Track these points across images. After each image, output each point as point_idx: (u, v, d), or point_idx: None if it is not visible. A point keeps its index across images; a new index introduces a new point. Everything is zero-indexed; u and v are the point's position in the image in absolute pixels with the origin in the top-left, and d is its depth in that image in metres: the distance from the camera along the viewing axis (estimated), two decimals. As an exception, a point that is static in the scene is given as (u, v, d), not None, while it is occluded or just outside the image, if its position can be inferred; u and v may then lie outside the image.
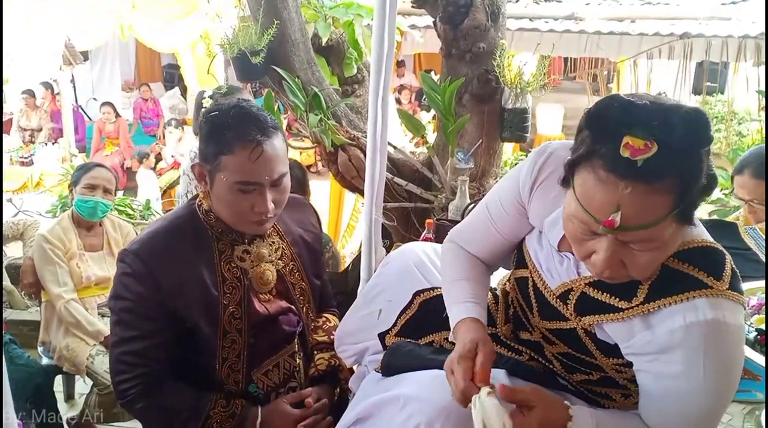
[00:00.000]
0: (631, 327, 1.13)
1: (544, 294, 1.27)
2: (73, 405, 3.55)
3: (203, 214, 1.65)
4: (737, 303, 1.10)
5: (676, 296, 1.09)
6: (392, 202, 2.81)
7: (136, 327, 1.58)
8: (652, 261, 1.08)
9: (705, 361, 1.07)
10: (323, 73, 3.03)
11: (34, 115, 8.84)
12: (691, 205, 1.04)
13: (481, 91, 2.69)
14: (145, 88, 10.03)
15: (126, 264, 1.57)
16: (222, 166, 1.52)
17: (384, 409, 1.30)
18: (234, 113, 1.53)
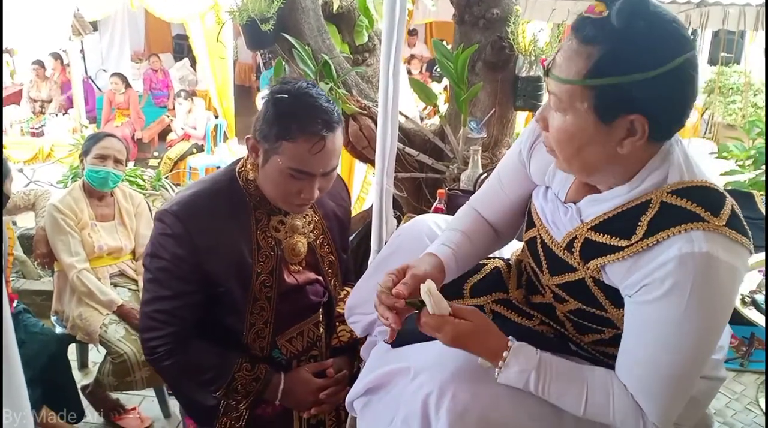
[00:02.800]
0: (631, 266, 1.12)
1: (551, 249, 1.26)
2: (87, 373, 3.58)
3: (244, 181, 1.67)
4: (734, 242, 1.07)
5: (673, 228, 1.07)
6: (403, 172, 2.78)
7: (170, 287, 1.62)
8: (560, 132, 1.11)
9: (690, 293, 1.05)
10: (333, 40, 2.99)
11: (44, 86, 8.83)
12: (613, 102, 1.05)
13: (494, 59, 2.65)
14: (155, 58, 9.97)
15: (165, 224, 1.59)
16: (281, 150, 1.54)
17: (394, 379, 1.30)
18: (303, 102, 1.53)
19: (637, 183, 1.13)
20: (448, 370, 1.21)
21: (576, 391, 1.16)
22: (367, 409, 1.37)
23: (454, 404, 1.15)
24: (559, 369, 1.18)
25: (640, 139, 1.07)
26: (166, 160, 7.84)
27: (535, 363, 1.17)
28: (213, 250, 1.60)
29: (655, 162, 1.12)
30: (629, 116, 1.05)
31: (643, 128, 1.06)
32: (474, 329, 1.19)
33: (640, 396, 1.13)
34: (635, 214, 1.12)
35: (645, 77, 1.02)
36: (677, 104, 1.07)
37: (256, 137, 1.59)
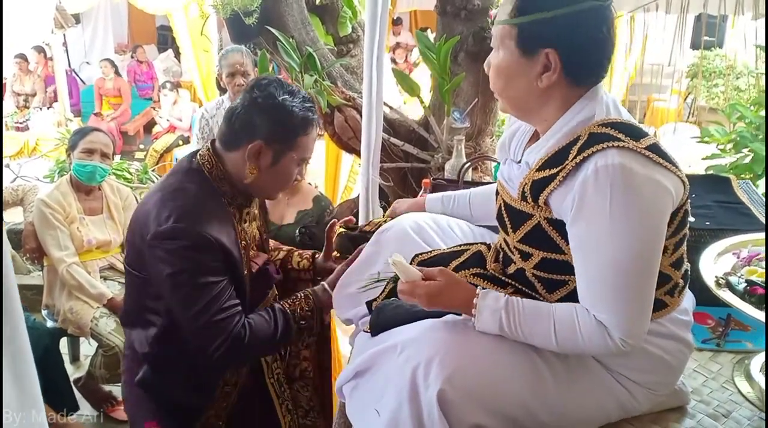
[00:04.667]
0: (566, 191, 1.23)
1: (511, 205, 1.38)
2: (79, 366, 3.62)
3: (217, 181, 1.71)
4: (653, 162, 1.20)
5: (594, 147, 1.20)
6: (389, 162, 2.82)
7: (212, 289, 1.62)
8: (494, 68, 1.32)
9: (611, 202, 1.17)
10: (317, 32, 3.01)
11: (27, 80, 8.76)
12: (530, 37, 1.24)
13: (476, 49, 2.68)
14: (140, 50, 9.92)
15: (177, 239, 1.58)
16: (296, 145, 1.70)
17: (382, 358, 1.34)
18: (301, 97, 1.70)
19: (566, 119, 1.29)
20: (433, 341, 1.26)
21: (545, 325, 1.26)
22: (356, 392, 1.40)
23: (441, 369, 1.20)
24: (526, 307, 1.28)
25: (554, 73, 1.25)
26: (152, 153, 7.81)
27: (502, 303, 1.28)
28: (224, 246, 1.64)
29: (582, 101, 1.29)
30: (544, 50, 1.24)
31: (556, 62, 1.24)
32: (443, 286, 1.31)
33: (600, 313, 1.22)
34: (568, 148, 1.26)
35: (556, 14, 1.22)
36: (585, 42, 1.25)
37: (263, 142, 1.66)
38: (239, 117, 1.67)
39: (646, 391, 1.36)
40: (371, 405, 1.31)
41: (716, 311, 1.85)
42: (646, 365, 1.34)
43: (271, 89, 1.67)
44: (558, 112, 1.30)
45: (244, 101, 1.68)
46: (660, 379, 1.38)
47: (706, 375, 1.65)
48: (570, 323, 1.24)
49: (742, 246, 1.72)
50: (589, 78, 1.29)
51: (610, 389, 1.34)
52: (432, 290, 1.30)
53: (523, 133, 1.46)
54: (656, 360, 1.33)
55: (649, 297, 1.24)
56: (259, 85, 1.69)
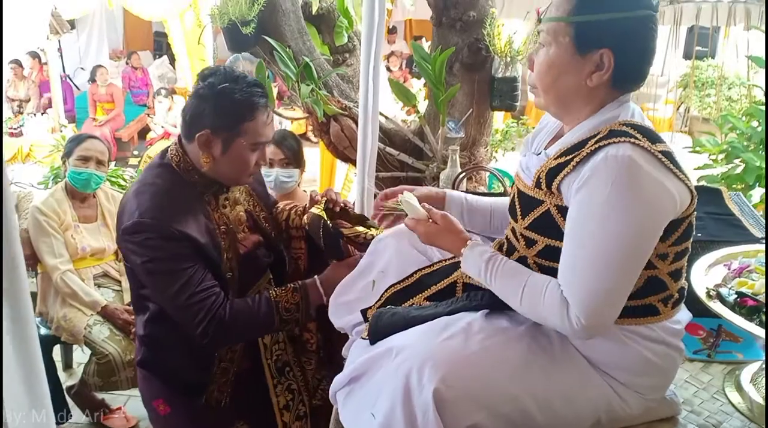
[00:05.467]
0: (576, 177, 1.26)
1: (524, 192, 1.41)
2: (72, 374, 3.60)
3: (184, 172, 1.77)
4: (663, 165, 1.23)
5: (610, 139, 1.24)
6: (384, 171, 2.83)
7: (183, 272, 1.69)
8: (543, 64, 1.34)
9: (611, 190, 1.20)
10: (314, 42, 3.03)
11: (21, 85, 8.76)
12: (588, 35, 1.27)
13: (471, 61, 2.71)
14: (135, 56, 9.92)
15: (143, 232, 1.67)
16: (242, 131, 1.72)
17: (377, 363, 1.35)
18: (245, 83, 1.71)
19: (595, 119, 1.33)
20: (427, 344, 1.28)
21: (516, 285, 1.33)
22: (350, 397, 1.41)
23: (435, 370, 1.22)
24: (505, 266, 1.37)
25: (606, 72, 1.28)
26: (147, 159, 7.78)
27: (486, 257, 1.39)
28: (191, 235, 1.69)
29: (613, 104, 1.33)
30: (600, 50, 1.27)
31: (610, 62, 1.27)
32: (441, 229, 1.48)
33: (565, 283, 1.26)
34: (587, 140, 1.30)
35: (617, 17, 1.26)
36: (639, 48, 1.30)
37: (210, 131, 1.70)
38: (188, 109, 1.74)
39: (636, 395, 1.37)
40: (365, 409, 1.32)
41: (707, 322, 1.87)
42: (635, 366, 1.35)
43: (211, 79, 1.71)
44: (590, 111, 1.34)
45: (191, 94, 1.75)
46: (650, 382, 1.39)
47: (697, 386, 1.67)
48: (538, 290, 1.29)
49: (733, 257, 1.74)
50: (631, 84, 1.34)
51: (599, 388, 1.35)
52: (431, 230, 1.49)
53: (548, 132, 1.50)
54: (646, 361, 1.35)
55: (621, 291, 1.25)
56: (201, 76, 1.75)
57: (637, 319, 1.34)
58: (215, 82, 1.70)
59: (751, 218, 2.11)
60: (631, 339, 1.33)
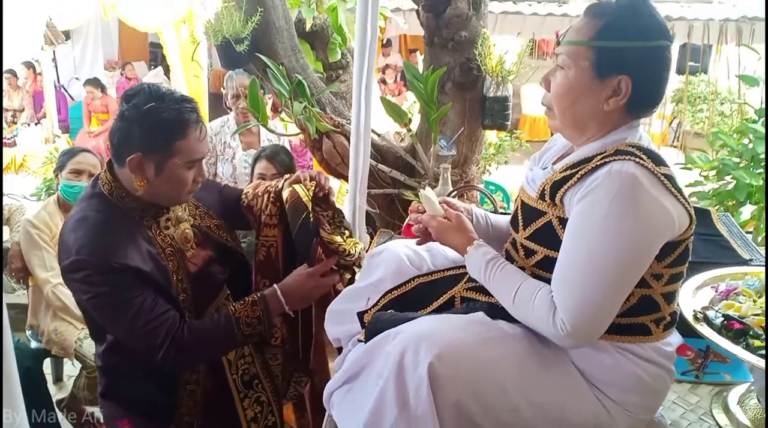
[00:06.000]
0: (578, 188, 1.30)
1: (527, 204, 1.45)
2: (62, 387, 3.59)
3: (117, 199, 1.72)
4: (665, 187, 1.26)
5: (616, 157, 1.28)
6: (376, 188, 2.84)
7: (133, 300, 1.64)
8: (561, 86, 1.37)
9: (612, 204, 1.23)
10: (307, 58, 3.04)
11: (15, 96, 8.75)
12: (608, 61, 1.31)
13: (463, 80, 2.73)
14: (129, 66, 9.92)
15: (83, 269, 1.62)
16: (175, 150, 1.67)
17: (375, 351, 1.37)
18: (172, 100, 1.66)
19: (603, 140, 1.37)
20: (423, 327, 1.31)
21: (511, 286, 1.36)
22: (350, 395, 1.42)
23: (431, 347, 1.23)
24: (504, 268, 1.40)
25: (623, 98, 1.32)
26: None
27: (488, 258, 1.43)
28: (132, 266, 1.64)
29: (623, 128, 1.37)
30: (619, 76, 1.31)
31: (627, 88, 1.31)
32: (451, 227, 1.53)
33: (556, 289, 1.29)
34: (594, 157, 1.33)
35: (637, 45, 1.30)
36: (656, 77, 1.34)
37: (141, 154, 1.65)
38: (115, 132, 1.68)
39: (626, 413, 1.38)
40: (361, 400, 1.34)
41: (696, 342, 1.88)
42: (627, 383, 1.36)
43: (136, 99, 1.65)
44: (602, 134, 1.38)
45: (116, 116, 1.69)
46: (640, 401, 1.39)
47: (684, 407, 1.68)
48: (530, 292, 1.33)
49: (721, 279, 1.75)
50: (645, 110, 1.38)
51: (589, 402, 1.36)
52: (443, 226, 1.53)
53: (556, 150, 1.55)
54: (637, 379, 1.36)
55: (610, 303, 1.27)
56: (125, 97, 1.68)
57: (629, 337, 1.36)
58: (140, 102, 1.64)
59: (740, 239, 2.13)
60: (624, 355, 1.35)
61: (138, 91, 1.67)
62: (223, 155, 3.77)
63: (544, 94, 1.45)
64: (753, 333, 1.49)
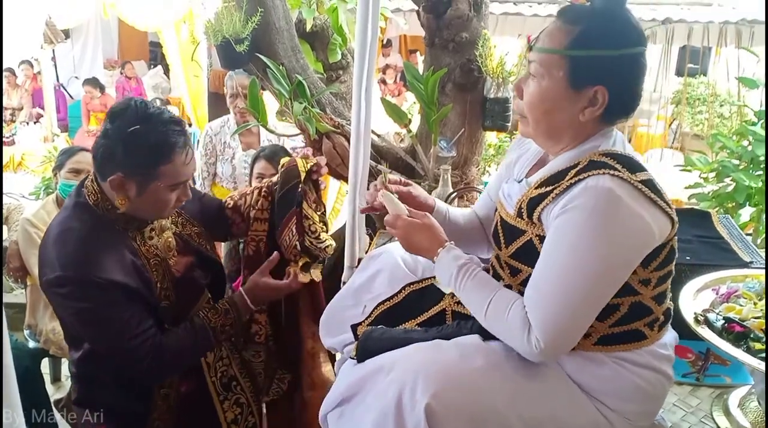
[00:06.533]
0: (554, 206, 1.27)
1: (506, 221, 1.42)
2: (60, 387, 3.58)
3: (103, 211, 1.69)
4: (644, 196, 1.22)
5: (589, 172, 1.24)
6: (376, 189, 2.83)
7: (118, 316, 1.64)
8: (533, 95, 1.32)
9: (587, 221, 1.20)
10: (307, 59, 3.04)
11: (14, 94, 8.74)
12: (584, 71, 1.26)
13: (463, 81, 2.72)
14: (129, 65, 9.92)
15: (66, 286, 1.60)
16: (159, 174, 1.64)
17: (369, 382, 1.34)
18: (159, 121, 1.62)
19: (577, 150, 1.33)
20: (419, 361, 1.28)
21: (483, 298, 1.32)
22: (343, 420, 1.40)
23: (427, 386, 1.21)
24: (476, 277, 1.36)
25: (599, 108, 1.28)
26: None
27: (459, 263, 1.38)
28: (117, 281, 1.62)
29: (597, 136, 1.33)
30: (595, 87, 1.27)
31: (604, 99, 1.27)
32: (420, 226, 1.44)
33: (530, 306, 1.26)
34: (567, 170, 1.30)
35: (613, 54, 1.25)
36: (632, 85, 1.30)
37: (122, 175, 1.62)
38: (98, 149, 1.64)
39: (625, 421, 1.37)
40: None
41: (696, 345, 1.88)
42: (625, 393, 1.35)
43: (120, 120, 1.61)
44: (576, 143, 1.34)
45: (101, 132, 1.65)
46: (639, 409, 1.39)
47: (685, 410, 1.68)
48: (503, 306, 1.29)
49: (721, 282, 1.75)
50: (620, 117, 1.34)
51: (589, 414, 1.35)
52: (409, 225, 1.45)
53: (529, 157, 1.50)
54: (636, 388, 1.35)
55: (584, 319, 1.26)
56: (111, 115, 1.64)
57: (624, 345, 1.35)
58: (124, 123, 1.60)
59: (740, 242, 2.13)
60: (621, 365, 1.34)
61: (124, 110, 1.63)
62: (223, 155, 3.77)
63: (517, 102, 1.40)
64: (754, 336, 1.49)
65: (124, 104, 1.65)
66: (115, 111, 1.64)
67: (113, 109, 1.66)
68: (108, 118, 1.64)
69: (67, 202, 1.73)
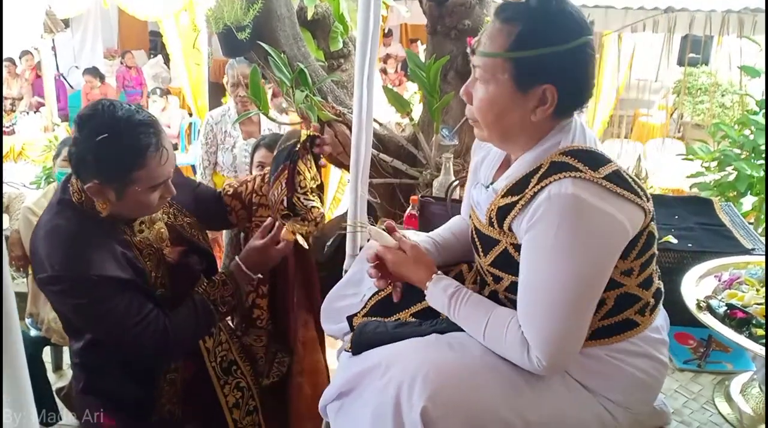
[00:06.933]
0: (525, 217, 1.25)
1: (480, 230, 1.41)
2: (62, 375, 3.59)
3: (89, 209, 1.66)
4: (609, 192, 1.20)
5: (551, 177, 1.22)
6: (378, 177, 2.83)
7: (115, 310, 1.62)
8: (482, 101, 1.28)
9: (557, 232, 1.18)
10: (309, 47, 3.03)
11: (14, 84, 8.72)
12: (529, 72, 1.23)
13: (465, 69, 2.72)
14: (129, 55, 9.89)
15: (60, 284, 1.59)
16: (135, 179, 1.59)
17: (366, 378, 1.34)
18: (126, 127, 1.56)
19: (536, 150, 1.30)
20: (417, 361, 1.27)
21: (479, 321, 1.32)
22: (341, 413, 1.41)
23: (424, 387, 1.20)
24: (469, 301, 1.36)
25: (550, 106, 1.25)
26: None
27: (450, 292, 1.38)
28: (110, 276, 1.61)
29: (555, 130, 1.30)
30: (542, 86, 1.23)
31: (553, 97, 1.24)
32: (407, 259, 1.46)
33: (524, 326, 1.25)
34: (530, 176, 1.27)
35: (557, 50, 1.21)
36: (581, 78, 1.26)
37: (98, 182, 1.59)
38: (71, 156, 1.61)
39: (625, 410, 1.38)
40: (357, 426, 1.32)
41: (698, 331, 1.88)
42: (622, 385, 1.35)
43: (88, 128, 1.56)
44: (534, 142, 1.31)
45: (72, 140, 1.62)
46: (637, 398, 1.39)
47: (687, 396, 1.68)
48: (500, 327, 1.29)
49: (723, 269, 1.75)
50: (574, 110, 1.31)
51: (591, 409, 1.35)
52: (398, 259, 1.47)
53: (493, 159, 1.48)
54: (634, 380, 1.35)
55: (578, 327, 1.24)
56: (78, 121, 1.59)
57: (618, 336, 1.34)
58: (92, 132, 1.55)
59: (742, 229, 2.13)
60: (617, 359, 1.34)
61: (91, 116, 1.57)
62: (224, 144, 3.76)
63: (468, 107, 1.36)
64: (756, 323, 1.49)
65: (92, 110, 1.59)
66: (82, 117, 1.58)
67: (81, 116, 1.60)
68: (76, 124, 1.60)
69: (52, 198, 1.70)
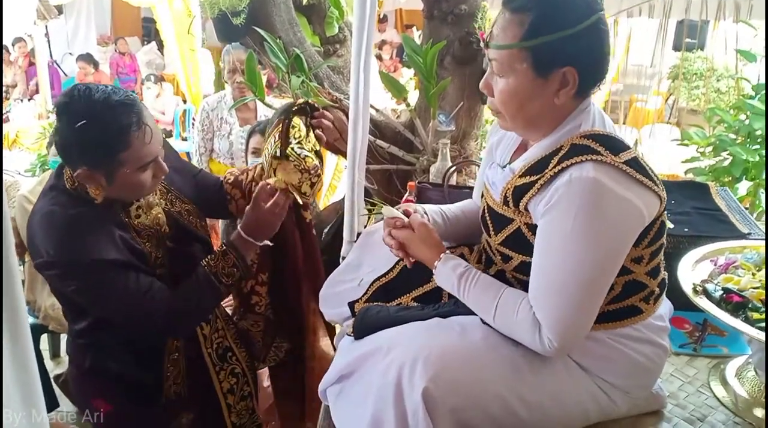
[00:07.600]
0: (543, 198, 1.26)
1: (494, 209, 1.42)
2: (59, 363, 3.60)
3: (84, 194, 1.65)
4: (629, 177, 1.21)
5: (573, 158, 1.22)
6: (375, 163, 2.83)
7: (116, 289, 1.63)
8: (504, 93, 1.29)
9: (577, 212, 1.19)
10: (304, 32, 3.01)
11: (8, 71, 8.67)
12: (547, 58, 1.23)
13: (462, 54, 2.70)
14: (122, 41, 9.83)
15: (59, 268, 1.60)
16: (121, 161, 1.58)
17: (367, 361, 1.35)
18: (106, 106, 1.54)
19: (557, 133, 1.30)
20: (418, 343, 1.28)
21: (489, 301, 1.32)
22: (342, 396, 1.42)
23: (425, 369, 1.22)
24: (479, 282, 1.36)
25: (572, 88, 1.26)
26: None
27: (459, 272, 1.38)
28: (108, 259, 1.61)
29: (575, 112, 1.30)
30: (562, 69, 1.24)
31: (575, 78, 1.24)
32: (415, 238, 1.46)
33: (536, 307, 1.26)
34: (550, 157, 1.28)
35: (571, 33, 1.21)
36: (599, 55, 1.27)
37: (86, 168, 1.58)
38: (56, 145, 1.61)
39: (624, 394, 1.40)
40: (357, 408, 1.33)
41: (693, 316, 1.89)
42: (623, 369, 1.36)
43: (66, 116, 1.55)
44: (556, 124, 1.32)
45: (54, 129, 1.63)
46: (637, 382, 1.41)
47: (682, 380, 1.69)
48: (511, 308, 1.29)
49: (720, 253, 1.76)
50: (593, 89, 1.32)
51: (589, 391, 1.36)
52: (407, 237, 1.46)
53: (510, 140, 1.49)
54: (634, 364, 1.36)
55: (590, 310, 1.26)
56: (57, 108, 1.58)
57: (621, 322, 1.36)
58: (71, 118, 1.53)
59: (738, 214, 2.13)
60: (620, 343, 1.35)
61: (68, 103, 1.55)
62: (220, 131, 3.75)
63: (489, 100, 1.37)
64: (752, 306, 1.50)
65: (67, 96, 1.57)
66: (59, 106, 1.57)
67: (58, 103, 1.58)
68: (56, 113, 1.59)
69: (46, 184, 1.69)
